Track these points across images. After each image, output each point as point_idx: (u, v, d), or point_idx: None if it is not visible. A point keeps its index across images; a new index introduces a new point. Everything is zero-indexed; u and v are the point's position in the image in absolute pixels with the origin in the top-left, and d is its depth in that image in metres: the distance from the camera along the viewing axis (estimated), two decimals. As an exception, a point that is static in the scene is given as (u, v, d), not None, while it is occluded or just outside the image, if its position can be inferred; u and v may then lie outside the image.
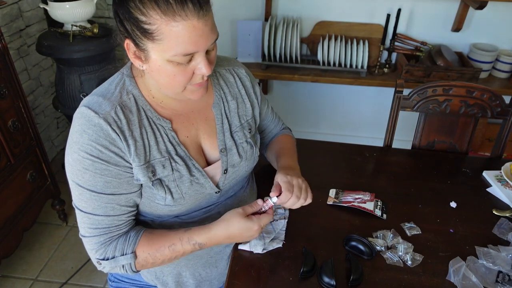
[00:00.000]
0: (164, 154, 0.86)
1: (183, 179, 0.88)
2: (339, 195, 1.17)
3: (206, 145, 0.94)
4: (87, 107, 0.79)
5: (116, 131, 0.79)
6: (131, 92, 0.84)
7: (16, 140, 1.69)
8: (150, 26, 0.71)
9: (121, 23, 0.75)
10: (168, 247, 0.87)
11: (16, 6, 2.08)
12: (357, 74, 2.23)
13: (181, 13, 0.70)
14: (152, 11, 0.70)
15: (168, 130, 0.87)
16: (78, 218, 0.86)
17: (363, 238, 1.00)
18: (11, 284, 1.83)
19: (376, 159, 1.38)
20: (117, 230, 0.86)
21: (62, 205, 2.08)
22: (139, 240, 0.87)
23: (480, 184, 1.26)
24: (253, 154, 1.00)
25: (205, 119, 0.94)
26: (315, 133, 2.77)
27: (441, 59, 2.14)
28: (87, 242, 0.87)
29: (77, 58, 1.93)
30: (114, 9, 0.76)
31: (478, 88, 1.38)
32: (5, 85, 1.62)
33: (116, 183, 0.82)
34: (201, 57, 0.76)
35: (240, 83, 1.00)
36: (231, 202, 1.02)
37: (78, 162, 0.79)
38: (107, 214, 0.83)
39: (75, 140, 0.79)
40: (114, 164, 0.80)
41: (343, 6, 2.27)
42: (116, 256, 0.85)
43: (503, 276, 0.93)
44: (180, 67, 0.76)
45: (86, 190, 0.81)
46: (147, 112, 0.85)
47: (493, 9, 2.12)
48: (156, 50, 0.74)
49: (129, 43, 0.76)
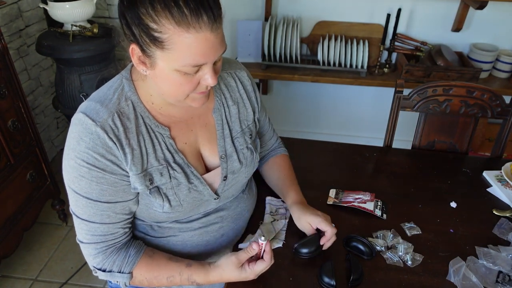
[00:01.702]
0: (162, 162, 0.85)
1: (180, 186, 0.87)
2: (339, 195, 1.17)
3: (206, 151, 0.93)
4: (84, 114, 0.78)
5: (113, 139, 0.78)
6: (129, 98, 0.83)
7: (16, 140, 1.69)
8: (161, 34, 0.69)
9: (128, 27, 0.73)
10: (167, 278, 0.88)
11: (16, 6, 2.08)
12: (357, 74, 2.23)
13: (195, 25, 0.68)
14: (165, 20, 0.68)
15: (166, 138, 0.86)
16: (75, 224, 0.86)
17: (363, 238, 1.00)
18: (11, 284, 1.83)
19: (376, 159, 1.38)
20: (114, 239, 0.86)
21: (62, 205, 2.07)
22: (138, 262, 0.87)
23: (480, 184, 1.26)
24: (253, 160, 0.99)
25: (204, 125, 0.93)
26: (315, 133, 2.77)
27: (441, 59, 2.14)
28: (84, 248, 0.87)
29: (77, 58, 1.93)
30: (121, 11, 0.73)
31: (478, 88, 1.38)
32: (5, 85, 1.62)
33: (112, 191, 0.81)
34: (208, 68, 0.75)
35: (241, 86, 0.98)
36: (230, 205, 1.01)
37: (75, 169, 0.79)
38: (103, 222, 0.83)
39: (71, 147, 0.79)
40: (110, 172, 0.80)
41: (343, 6, 2.27)
42: (113, 271, 0.86)
43: (503, 276, 0.93)
44: (186, 76, 0.75)
45: (82, 197, 0.81)
46: (145, 119, 0.84)
47: (493, 9, 2.12)
48: (164, 59, 0.72)
49: (135, 48, 0.74)
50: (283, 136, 1.30)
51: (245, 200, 1.05)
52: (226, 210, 0.99)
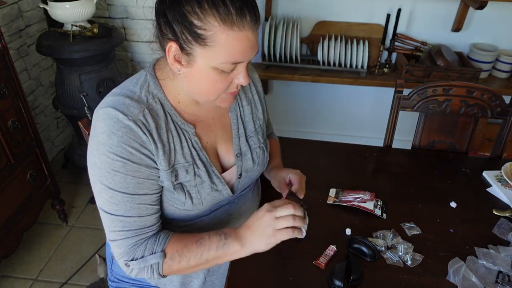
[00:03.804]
0: (188, 159, 0.86)
1: (204, 184, 0.88)
2: (339, 195, 1.17)
3: (222, 151, 0.95)
4: (114, 108, 0.78)
5: (146, 133, 0.79)
6: (156, 96, 0.83)
7: (16, 140, 1.69)
8: (205, 32, 0.71)
9: (169, 25, 0.74)
10: (196, 242, 0.85)
11: (16, 6, 2.08)
12: (357, 74, 2.23)
13: (239, 24, 0.71)
14: (211, 18, 0.70)
15: (192, 135, 0.87)
16: (107, 223, 0.83)
17: (366, 240, 1.00)
18: (11, 284, 1.83)
19: (376, 159, 1.38)
20: (149, 231, 0.85)
21: (62, 205, 2.08)
22: (169, 240, 0.86)
23: (480, 184, 1.26)
24: (264, 159, 1.02)
25: (223, 126, 0.95)
26: (315, 133, 2.77)
27: (441, 59, 2.14)
28: (117, 246, 0.84)
29: (77, 58, 1.93)
30: (161, 9, 0.74)
31: (478, 88, 1.38)
32: (5, 85, 1.62)
33: (148, 184, 0.82)
34: (242, 67, 0.78)
35: (253, 87, 1.02)
36: (238, 201, 1.03)
37: (108, 164, 0.78)
38: (141, 215, 0.83)
39: (102, 142, 0.77)
40: (145, 166, 0.80)
41: (343, 6, 2.27)
42: (146, 255, 0.84)
43: (503, 276, 0.93)
44: (222, 75, 0.77)
45: (118, 192, 0.80)
46: (172, 116, 0.85)
47: (493, 9, 2.12)
48: (204, 56, 0.74)
49: (172, 46, 0.75)
50: (283, 136, 1.30)
51: (252, 197, 1.08)
52: (233, 206, 1.01)
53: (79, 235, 2.09)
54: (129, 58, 2.52)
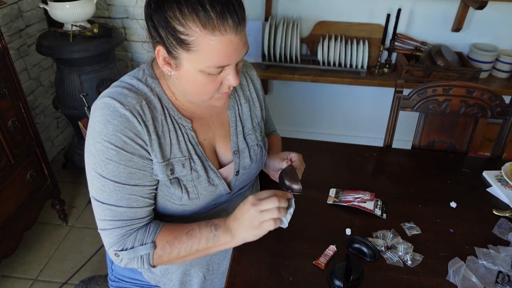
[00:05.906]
0: (185, 154, 0.87)
1: (200, 179, 0.89)
2: (339, 195, 1.17)
3: (220, 148, 0.96)
4: (111, 98, 0.79)
5: (141, 124, 0.79)
6: (154, 89, 0.85)
7: (16, 140, 1.69)
8: (188, 37, 0.72)
9: (155, 29, 0.75)
10: (186, 233, 0.86)
11: (16, 6, 2.08)
12: (357, 74, 2.23)
13: (221, 28, 0.71)
14: (191, 23, 0.71)
15: (188, 130, 0.88)
16: (97, 211, 0.84)
17: (366, 240, 1.00)
18: (11, 284, 1.83)
19: (376, 159, 1.38)
20: (139, 222, 0.86)
21: (62, 205, 2.08)
22: (159, 231, 0.87)
23: (480, 184, 1.26)
24: (262, 157, 1.02)
25: (221, 123, 0.96)
26: (315, 133, 2.77)
27: (441, 59, 2.14)
28: (107, 235, 0.85)
29: (77, 58, 1.93)
30: (148, 13, 0.76)
31: (478, 88, 1.38)
32: (5, 85, 1.62)
33: (140, 175, 0.82)
34: (231, 69, 0.78)
35: (252, 85, 1.02)
36: (236, 199, 1.03)
37: (102, 152, 0.78)
38: (130, 206, 0.83)
39: (98, 130, 0.78)
40: (138, 156, 0.81)
41: (343, 6, 2.27)
42: (136, 246, 0.85)
43: (503, 276, 0.93)
44: (210, 77, 0.78)
45: (109, 181, 0.80)
46: (169, 110, 0.86)
47: (493, 9, 2.12)
48: (190, 60, 0.75)
49: (161, 49, 0.77)
50: (283, 136, 1.30)
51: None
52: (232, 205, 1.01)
53: (79, 235, 2.09)
54: (129, 58, 2.52)
